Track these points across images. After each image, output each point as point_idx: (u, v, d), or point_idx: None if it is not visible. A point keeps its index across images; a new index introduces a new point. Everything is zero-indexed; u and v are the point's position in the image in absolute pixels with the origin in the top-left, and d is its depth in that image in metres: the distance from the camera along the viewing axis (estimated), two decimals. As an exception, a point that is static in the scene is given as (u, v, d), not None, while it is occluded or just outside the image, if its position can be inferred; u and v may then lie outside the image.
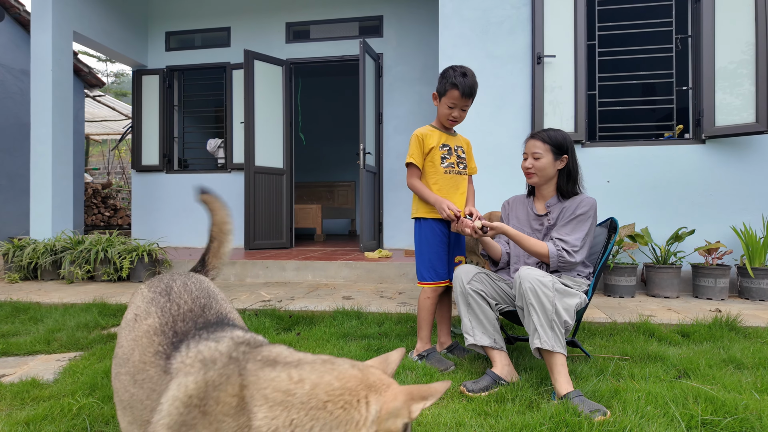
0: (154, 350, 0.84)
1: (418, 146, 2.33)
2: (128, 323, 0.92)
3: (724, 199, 3.91)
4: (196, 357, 0.80)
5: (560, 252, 1.99)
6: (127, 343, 0.88)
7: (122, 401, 0.85)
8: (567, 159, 2.11)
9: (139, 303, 0.94)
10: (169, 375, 0.80)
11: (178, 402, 0.75)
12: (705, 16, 3.89)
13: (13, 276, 4.52)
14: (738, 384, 1.87)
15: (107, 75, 24.28)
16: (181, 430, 0.73)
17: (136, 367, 0.84)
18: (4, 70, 7.20)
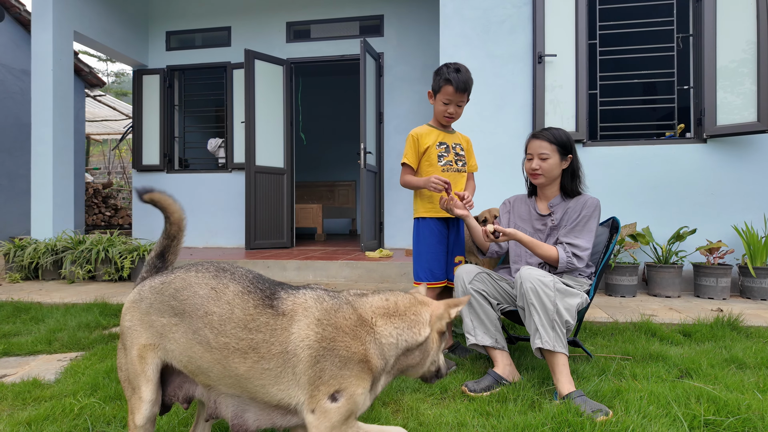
0: (254, 304, 1.07)
1: (412, 146, 2.33)
2: (207, 297, 1.08)
3: (725, 198, 3.90)
4: (303, 298, 1.09)
5: (569, 258, 1.99)
6: (220, 308, 1.06)
7: (239, 349, 1.04)
8: (571, 158, 2.11)
9: (205, 281, 1.11)
10: (285, 315, 1.05)
11: (313, 325, 1.04)
12: (706, 15, 3.88)
13: (15, 276, 4.53)
14: (740, 384, 1.87)
15: (108, 74, 24.28)
16: (322, 343, 1.03)
17: (243, 320, 1.05)
18: (5, 70, 7.20)
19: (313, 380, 1.03)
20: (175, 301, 1.12)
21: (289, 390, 1.05)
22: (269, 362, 1.04)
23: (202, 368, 1.10)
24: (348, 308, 1.10)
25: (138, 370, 1.13)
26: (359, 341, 1.06)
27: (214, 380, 1.10)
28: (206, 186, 6.47)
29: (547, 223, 2.14)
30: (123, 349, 1.18)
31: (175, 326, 1.11)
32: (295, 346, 1.04)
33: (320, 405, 1.02)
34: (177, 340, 1.11)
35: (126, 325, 1.17)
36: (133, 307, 1.18)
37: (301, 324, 1.05)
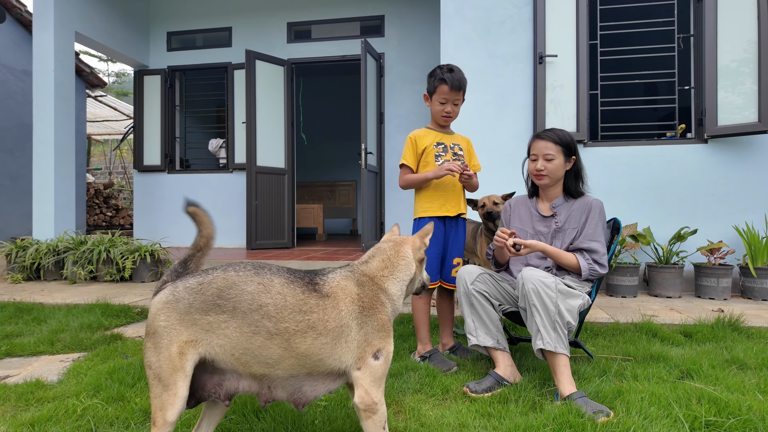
0: (301, 290, 1.25)
1: (411, 148, 2.37)
2: (257, 292, 1.21)
3: (726, 198, 3.90)
4: (337, 280, 1.30)
5: (591, 265, 2.00)
6: (273, 299, 1.21)
7: (299, 330, 1.21)
8: (575, 159, 2.11)
9: (249, 278, 1.23)
10: (330, 296, 1.26)
11: (356, 300, 1.28)
12: (707, 15, 3.88)
13: (16, 276, 4.54)
14: (741, 385, 1.87)
15: (108, 75, 24.30)
16: (364, 313, 1.27)
17: (297, 305, 1.22)
18: (6, 71, 7.21)
19: (360, 344, 1.25)
20: (221, 299, 1.20)
21: (342, 357, 1.24)
22: (326, 337, 1.22)
23: (260, 356, 1.21)
24: (368, 280, 1.34)
25: (177, 366, 1.18)
26: (384, 305, 1.32)
27: (273, 365, 1.22)
28: (207, 186, 6.48)
29: (550, 225, 2.14)
30: (154, 348, 1.20)
31: (225, 323, 1.20)
32: (348, 320, 1.25)
33: (366, 363, 1.25)
34: (228, 336, 1.20)
35: (161, 325, 1.20)
36: (169, 307, 1.22)
37: (346, 301, 1.27)
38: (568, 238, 2.09)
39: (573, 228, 2.09)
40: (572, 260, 2.01)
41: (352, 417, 1.65)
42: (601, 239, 2.04)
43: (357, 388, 1.24)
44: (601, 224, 2.06)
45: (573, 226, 2.09)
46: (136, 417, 1.67)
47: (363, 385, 1.24)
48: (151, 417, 1.19)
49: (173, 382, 1.17)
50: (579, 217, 2.08)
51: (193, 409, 1.72)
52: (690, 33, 4.11)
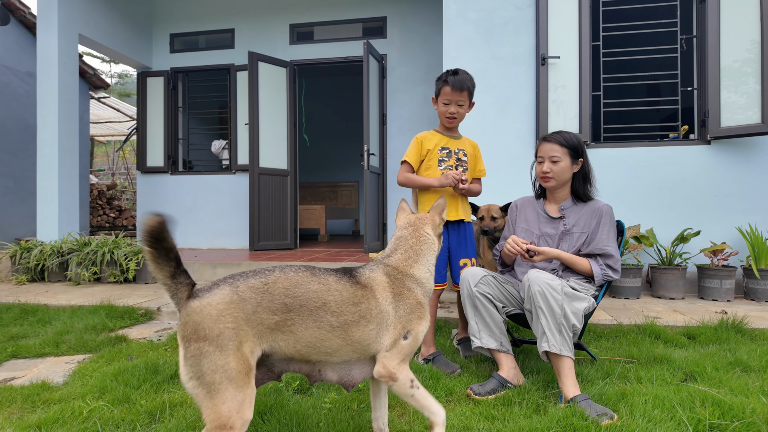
0: (350, 285, 1.36)
1: (416, 147, 2.41)
2: (319, 290, 1.30)
3: (729, 200, 3.90)
4: (368, 273, 1.42)
5: (605, 270, 2.02)
6: (333, 296, 1.31)
7: (354, 321, 1.32)
8: (582, 162, 2.11)
9: (309, 278, 1.32)
10: (368, 287, 1.38)
11: (388, 288, 1.40)
12: (710, 15, 3.88)
13: (21, 278, 4.56)
14: (745, 387, 1.87)
15: (111, 76, 24.38)
16: (397, 299, 1.39)
17: (350, 299, 1.33)
18: (10, 73, 7.24)
19: (396, 327, 1.37)
20: (288, 298, 1.27)
21: (383, 340, 1.36)
22: (373, 323, 1.34)
23: (322, 347, 1.30)
24: (393, 270, 1.45)
25: (249, 365, 1.19)
26: (411, 291, 1.43)
27: (331, 354, 1.32)
28: (210, 188, 6.49)
29: (558, 227, 2.15)
30: (219, 350, 1.15)
31: (291, 320, 1.26)
32: (386, 306, 1.37)
33: (396, 343, 1.36)
34: (294, 332, 1.27)
35: (229, 326, 1.17)
36: (235, 307, 1.20)
37: (380, 290, 1.38)
38: (576, 241, 2.09)
39: (582, 232, 2.09)
40: (586, 265, 2.03)
41: (356, 419, 1.66)
42: (615, 244, 2.05)
43: (377, 363, 1.35)
44: (613, 230, 2.07)
45: (582, 230, 2.09)
46: (141, 419, 1.68)
47: (381, 359, 1.35)
48: (221, 425, 1.13)
49: (247, 382, 1.17)
50: (588, 221, 2.09)
51: (197, 412, 1.73)
52: (693, 34, 4.11)
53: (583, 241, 2.08)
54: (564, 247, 2.10)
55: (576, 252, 2.09)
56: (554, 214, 2.17)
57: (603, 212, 2.08)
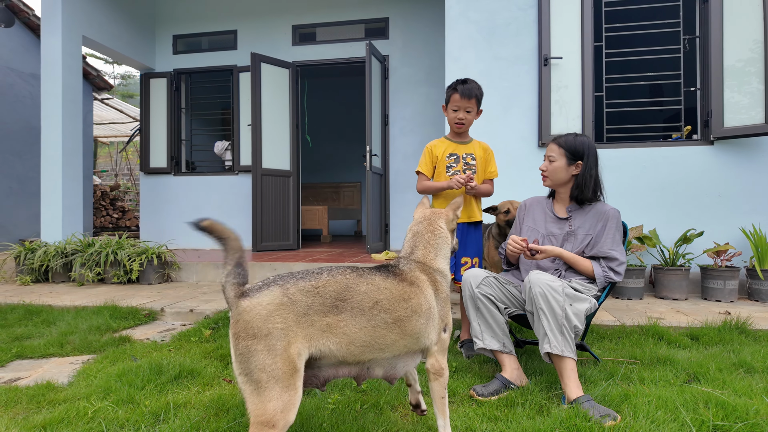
0: (397, 283, 1.40)
1: (427, 156, 2.54)
2: (369, 290, 1.34)
3: (733, 200, 3.89)
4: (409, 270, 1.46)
5: (606, 272, 2.03)
6: (383, 294, 1.35)
7: (407, 316, 1.37)
8: (582, 165, 2.12)
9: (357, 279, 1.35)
10: (414, 283, 1.43)
11: (430, 284, 1.46)
12: (713, 15, 3.87)
13: (25, 278, 4.58)
14: (749, 388, 1.87)
15: (114, 77, 24.45)
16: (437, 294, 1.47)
17: (400, 296, 1.38)
18: (15, 74, 7.28)
19: (438, 321, 1.45)
20: (339, 300, 1.29)
21: (431, 334, 1.43)
22: (422, 317, 1.40)
23: (376, 345, 1.34)
24: (423, 266, 1.51)
25: (296, 366, 1.20)
26: (441, 284, 1.50)
27: (384, 350, 1.36)
28: (213, 188, 6.51)
29: (563, 228, 2.16)
30: (268, 351, 1.17)
31: (343, 322, 1.29)
32: (432, 301, 1.44)
33: (441, 337, 1.47)
34: (347, 333, 1.29)
35: (278, 327, 1.19)
36: (285, 309, 1.22)
37: (425, 286, 1.45)
38: (580, 242, 2.10)
39: (586, 234, 2.10)
40: (588, 267, 2.04)
41: (360, 420, 1.67)
42: (621, 248, 2.06)
43: (430, 356, 1.45)
44: (619, 234, 2.08)
45: (587, 232, 2.10)
46: (146, 420, 1.68)
47: (435, 354, 1.45)
48: (264, 422, 1.15)
49: (293, 383, 1.18)
50: (594, 223, 2.09)
51: (201, 412, 1.74)
52: (695, 34, 4.10)
53: (587, 243, 2.09)
54: (567, 247, 2.11)
55: (579, 253, 2.09)
56: (561, 215, 2.18)
57: (609, 216, 2.08)
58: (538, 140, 4.14)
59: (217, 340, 2.65)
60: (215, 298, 3.71)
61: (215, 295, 3.82)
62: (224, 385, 2.04)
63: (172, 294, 3.92)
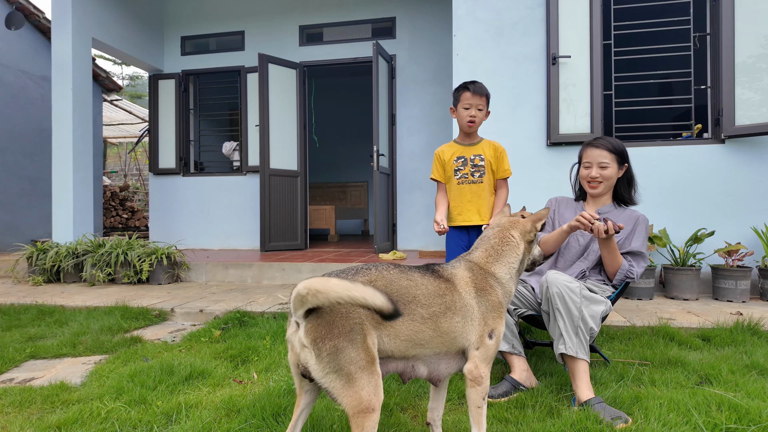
0: (433, 279, 1.41)
1: (436, 162, 2.59)
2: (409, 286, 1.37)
3: (744, 199, 3.85)
4: (450, 270, 1.47)
5: (631, 266, 2.02)
6: (420, 290, 1.38)
7: (441, 312, 1.37)
8: (627, 167, 2.14)
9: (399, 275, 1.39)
10: (450, 280, 1.43)
11: (470, 282, 1.45)
12: (724, 12, 3.82)
13: (37, 279, 4.64)
14: (762, 391, 1.85)
15: (122, 78, 24.66)
16: (480, 294, 1.43)
17: (436, 291, 1.39)
18: (26, 77, 7.36)
19: (480, 323, 1.41)
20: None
21: (469, 335, 1.40)
22: (458, 315, 1.39)
23: (416, 340, 1.36)
24: (475, 266, 1.49)
25: (373, 353, 1.28)
26: (494, 288, 1.46)
27: (424, 345, 1.37)
28: (221, 189, 6.55)
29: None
30: (351, 344, 1.26)
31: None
32: (468, 299, 1.41)
33: (483, 342, 1.41)
34: (394, 326, 1.33)
35: (356, 321, 1.28)
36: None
37: (462, 284, 1.43)
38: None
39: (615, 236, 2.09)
40: (620, 260, 2.02)
41: (370, 421, 1.67)
42: (646, 252, 2.07)
43: (469, 361, 1.41)
44: (646, 239, 2.08)
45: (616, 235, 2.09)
46: (158, 420, 1.70)
47: (475, 360, 1.41)
48: (362, 409, 1.22)
49: (375, 369, 1.27)
50: (625, 224, 2.09)
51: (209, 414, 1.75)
52: (706, 32, 4.06)
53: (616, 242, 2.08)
54: (594, 247, 2.11)
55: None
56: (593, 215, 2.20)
57: (639, 221, 2.09)
58: (547, 139, 4.11)
59: (227, 341, 2.67)
60: (224, 298, 3.73)
61: (224, 296, 3.84)
62: (235, 385, 2.05)
63: (181, 294, 3.95)
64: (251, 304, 3.46)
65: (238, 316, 3.06)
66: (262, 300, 3.63)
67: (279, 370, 2.20)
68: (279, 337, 2.68)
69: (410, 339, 1.36)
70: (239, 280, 4.62)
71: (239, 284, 4.51)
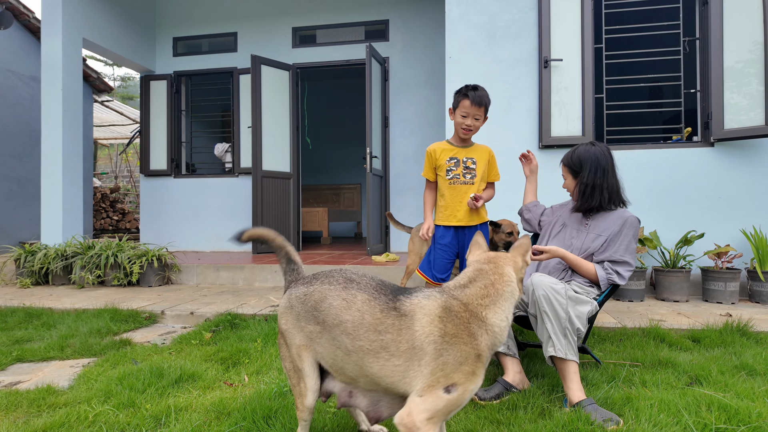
0: (380, 309, 1.20)
1: (427, 160, 2.58)
2: (340, 307, 1.23)
3: (733, 202, 3.89)
4: (418, 299, 1.21)
5: (610, 275, 2.02)
6: (352, 316, 1.21)
7: (372, 350, 1.17)
8: (580, 176, 2.13)
9: (336, 293, 1.27)
10: (407, 315, 1.17)
11: (436, 321, 1.15)
12: (713, 17, 3.88)
13: (25, 281, 4.57)
14: (751, 391, 1.86)
15: (114, 79, 24.46)
16: (445, 338, 1.14)
17: (373, 324, 1.18)
18: (15, 77, 7.28)
19: (434, 372, 1.13)
20: (316, 311, 1.29)
21: (412, 382, 1.15)
22: (398, 359, 1.16)
23: (343, 369, 1.26)
24: (459, 305, 1.20)
25: (297, 365, 1.33)
26: (473, 337, 1.17)
27: (354, 378, 1.26)
28: (213, 191, 6.51)
29: (582, 223, 2.20)
30: (285, 345, 1.36)
31: (319, 333, 1.29)
32: (421, 342, 1.15)
33: (433, 392, 1.12)
34: (323, 345, 1.29)
35: (283, 327, 1.36)
36: (287, 312, 1.37)
37: (423, 321, 1.17)
38: (591, 240, 2.10)
39: (597, 234, 2.10)
40: (591, 269, 2.03)
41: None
42: (633, 255, 2.07)
43: (405, 406, 1.15)
44: (634, 242, 2.08)
45: (598, 232, 2.10)
46: (147, 423, 1.68)
47: (410, 406, 1.13)
48: (295, 403, 1.37)
49: (302, 376, 1.33)
50: (610, 225, 2.09)
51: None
52: (695, 36, 4.11)
53: (599, 244, 2.07)
54: (576, 243, 2.12)
55: (587, 255, 2.08)
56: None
57: (628, 223, 2.06)
58: (539, 142, 4.14)
59: (217, 343, 2.65)
60: (216, 300, 3.70)
61: (216, 298, 3.81)
62: (225, 388, 2.03)
63: (172, 296, 3.91)
64: (243, 306, 3.44)
65: (230, 319, 3.04)
66: (254, 302, 3.60)
67: (270, 372, 2.19)
68: (270, 339, 2.67)
69: (337, 364, 1.26)
70: (231, 282, 4.59)
71: (231, 286, 4.48)
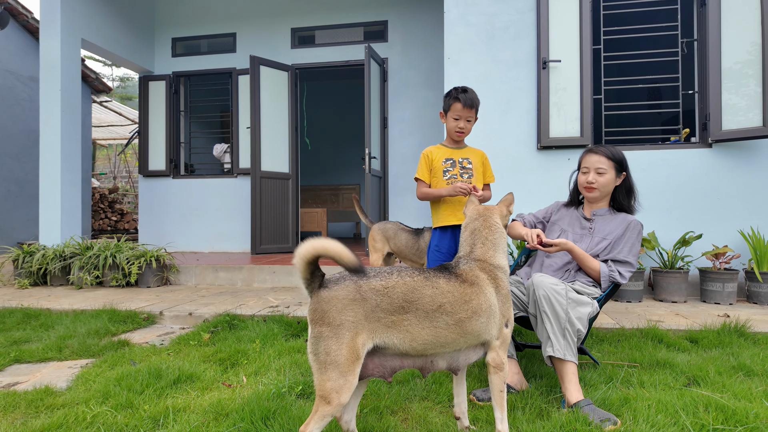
0: (459, 285, 1.48)
1: (424, 163, 2.58)
2: (433, 294, 1.43)
3: (731, 203, 3.90)
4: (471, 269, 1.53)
5: (612, 273, 2.03)
6: (446, 297, 1.44)
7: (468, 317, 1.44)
8: (625, 176, 2.17)
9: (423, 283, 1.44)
10: (474, 284, 1.49)
11: (491, 283, 1.53)
12: (711, 18, 3.89)
13: (23, 282, 4.56)
14: (748, 392, 1.87)
15: (112, 79, 24.44)
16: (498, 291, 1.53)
17: (461, 298, 1.45)
18: (13, 77, 7.27)
19: (500, 318, 1.52)
20: (405, 302, 1.40)
21: (492, 330, 1.50)
22: (483, 316, 1.48)
23: (438, 342, 1.43)
24: (484, 264, 1.56)
25: (358, 354, 1.34)
26: (502, 280, 1.56)
27: (446, 346, 1.45)
28: (212, 191, 6.51)
29: (585, 226, 2.20)
30: (335, 338, 1.33)
31: (407, 321, 1.40)
32: (492, 299, 1.50)
33: (502, 332, 1.53)
34: (410, 330, 1.40)
35: (349, 319, 1.35)
36: (356, 304, 1.36)
37: (485, 284, 1.51)
38: (596, 244, 2.12)
39: (602, 237, 2.12)
40: (596, 266, 2.05)
41: (361, 424, 1.66)
42: (634, 258, 2.08)
43: (491, 351, 1.52)
44: (637, 245, 2.10)
45: (603, 235, 2.12)
46: (145, 425, 1.68)
47: (496, 349, 1.52)
48: (322, 396, 1.31)
49: (352, 370, 1.33)
50: (614, 229, 2.12)
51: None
52: (694, 37, 4.12)
53: (604, 247, 2.10)
54: (582, 245, 2.13)
55: (593, 255, 2.10)
56: (587, 215, 2.23)
57: (631, 226, 2.10)
58: (537, 143, 4.14)
59: (216, 344, 2.64)
60: (214, 301, 3.70)
61: (214, 299, 3.81)
62: (223, 389, 2.03)
63: (170, 297, 3.91)
64: (241, 307, 3.43)
65: (228, 319, 3.04)
66: (253, 303, 3.60)
67: (268, 373, 2.18)
68: (269, 340, 2.66)
69: (431, 343, 1.43)
70: (229, 283, 4.59)
71: (229, 287, 4.47)
